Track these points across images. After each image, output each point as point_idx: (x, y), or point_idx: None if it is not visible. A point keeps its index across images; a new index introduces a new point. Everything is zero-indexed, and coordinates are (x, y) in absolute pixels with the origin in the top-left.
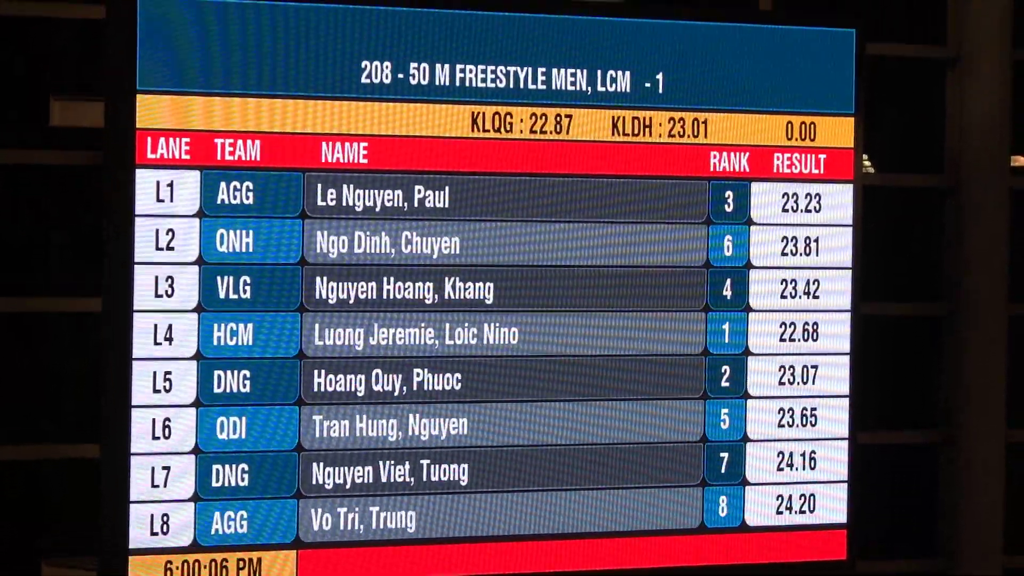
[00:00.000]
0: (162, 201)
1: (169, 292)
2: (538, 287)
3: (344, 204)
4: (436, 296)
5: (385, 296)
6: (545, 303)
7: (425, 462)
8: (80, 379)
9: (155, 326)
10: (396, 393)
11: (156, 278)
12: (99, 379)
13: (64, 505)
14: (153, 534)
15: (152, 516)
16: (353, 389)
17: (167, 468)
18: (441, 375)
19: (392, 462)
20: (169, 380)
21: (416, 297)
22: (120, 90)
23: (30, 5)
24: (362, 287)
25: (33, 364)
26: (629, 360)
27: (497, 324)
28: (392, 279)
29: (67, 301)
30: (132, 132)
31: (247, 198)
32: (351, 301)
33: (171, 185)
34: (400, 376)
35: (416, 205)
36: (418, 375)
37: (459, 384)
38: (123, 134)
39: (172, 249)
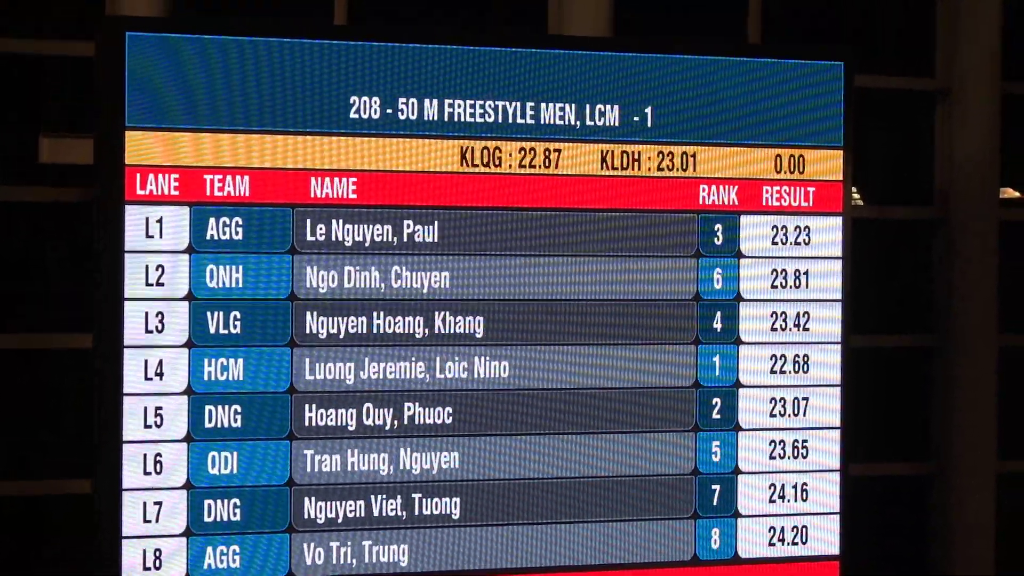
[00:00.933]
0: (151, 237)
1: (159, 328)
2: (528, 321)
3: (333, 239)
4: (426, 330)
5: (375, 330)
6: (535, 337)
7: (417, 496)
8: (72, 414)
9: (145, 361)
10: (387, 427)
11: (146, 314)
12: (91, 414)
13: (57, 540)
14: (146, 569)
15: (144, 551)
16: (344, 423)
17: (159, 503)
18: (432, 409)
19: (384, 496)
20: (160, 415)
21: (406, 331)
22: (109, 127)
23: (19, 42)
24: (352, 321)
25: (25, 400)
26: (620, 393)
27: (487, 358)
28: (382, 313)
29: (58, 337)
30: (121, 168)
31: (236, 233)
32: (341, 336)
33: (160, 221)
34: (391, 410)
35: (405, 240)
36: (409, 409)
37: (450, 418)
38: (112, 170)
39: (162, 285)
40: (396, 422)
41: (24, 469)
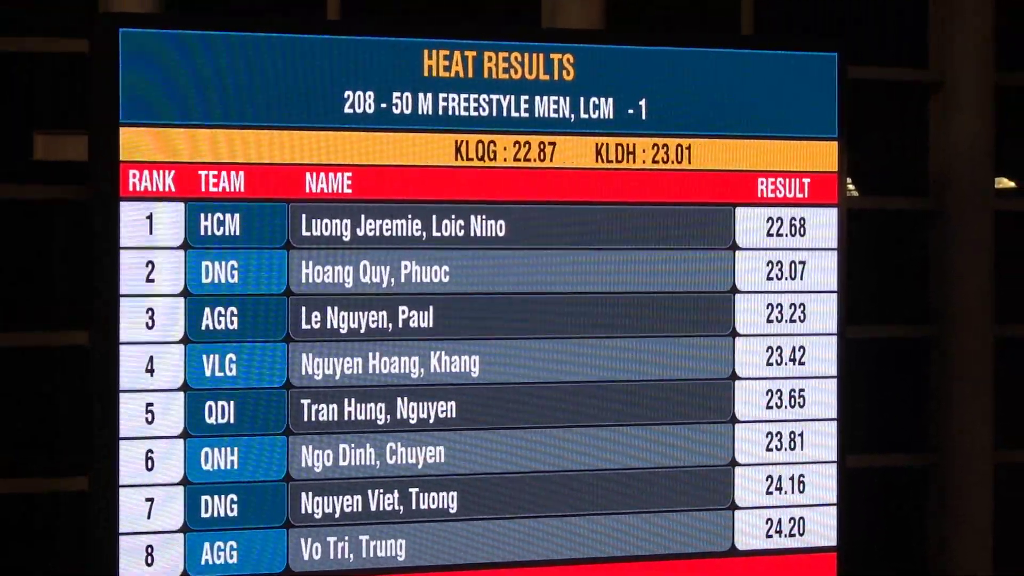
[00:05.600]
0: (147, 233)
1: (155, 324)
2: (528, 314)
3: (329, 234)
4: (424, 324)
5: (372, 325)
6: (535, 330)
7: (414, 490)
8: (68, 412)
9: (142, 358)
10: (384, 422)
11: (142, 310)
12: (87, 412)
13: (55, 537)
14: (145, 565)
15: (141, 547)
16: (340, 418)
17: (156, 500)
18: (432, 403)
19: (381, 490)
20: (157, 412)
21: (404, 326)
22: (103, 123)
23: (13, 40)
24: (348, 316)
25: (21, 398)
26: (608, 385)
27: (488, 352)
28: (379, 308)
29: (53, 335)
30: (116, 165)
31: (232, 229)
32: (337, 331)
33: (155, 217)
34: (388, 405)
35: (403, 235)
36: (407, 404)
37: (454, 412)
38: (107, 167)
39: (158, 281)
40: (389, 417)
41: (20, 467)
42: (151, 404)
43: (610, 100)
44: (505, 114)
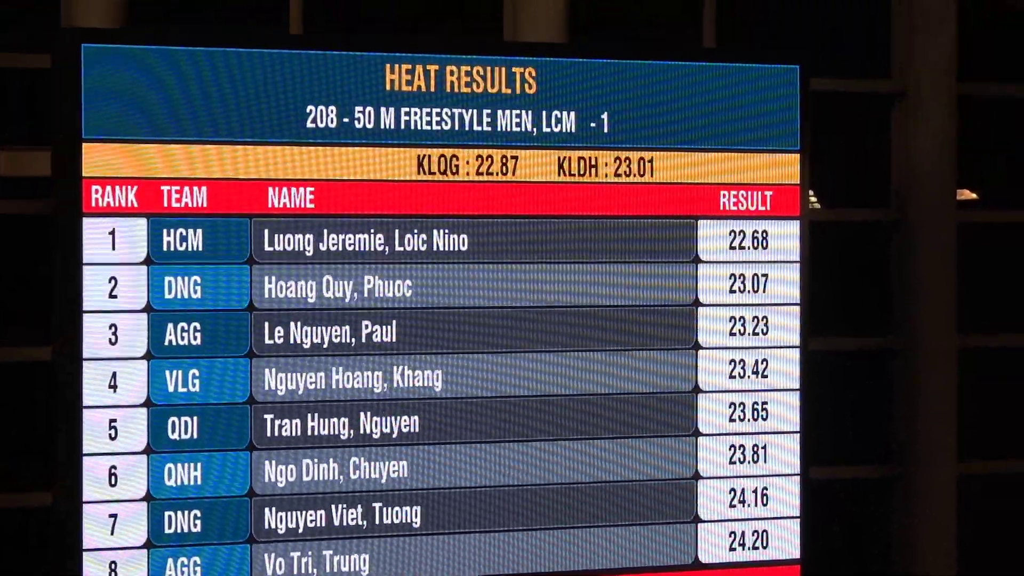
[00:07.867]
0: (110, 249)
1: (118, 340)
2: (490, 329)
3: (291, 249)
4: (387, 339)
5: (335, 340)
6: (496, 344)
7: (377, 505)
8: (31, 427)
9: (105, 374)
10: (347, 437)
11: (105, 326)
12: (50, 428)
13: (16, 554)
14: None
15: (105, 564)
16: (303, 433)
17: (119, 516)
18: (395, 418)
19: (344, 505)
20: (120, 428)
21: (367, 340)
22: (66, 139)
23: None
24: (311, 331)
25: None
26: (570, 399)
27: (451, 366)
28: (342, 323)
29: (17, 350)
30: (79, 181)
31: (194, 245)
32: (300, 346)
33: (118, 233)
34: (351, 420)
35: (366, 249)
36: (370, 418)
37: (417, 427)
38: (70, 182)
39: (121, 297)
40: (354, 431)
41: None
42: (114, 420)
43: (572, 113)
44: (467, 128)
